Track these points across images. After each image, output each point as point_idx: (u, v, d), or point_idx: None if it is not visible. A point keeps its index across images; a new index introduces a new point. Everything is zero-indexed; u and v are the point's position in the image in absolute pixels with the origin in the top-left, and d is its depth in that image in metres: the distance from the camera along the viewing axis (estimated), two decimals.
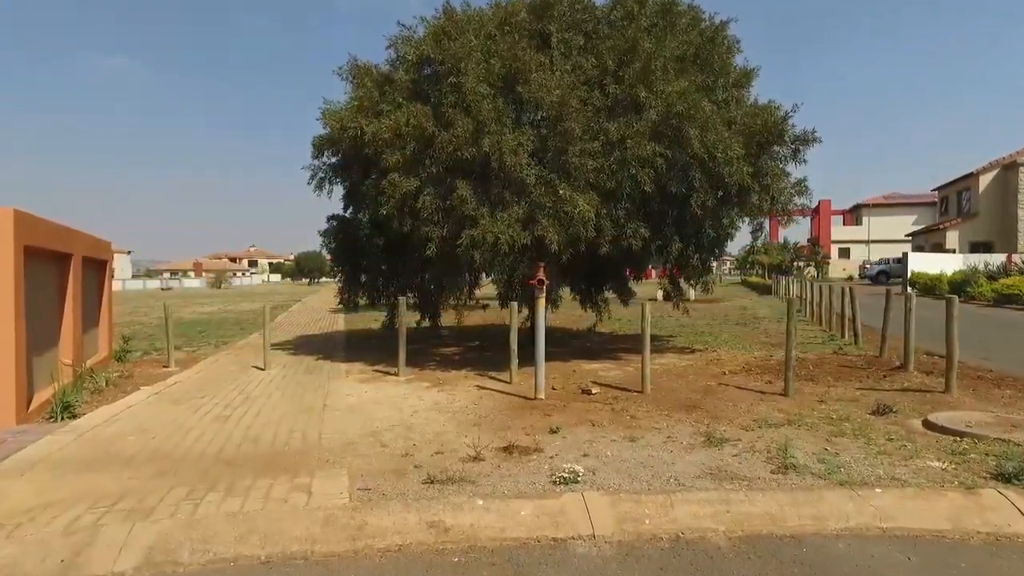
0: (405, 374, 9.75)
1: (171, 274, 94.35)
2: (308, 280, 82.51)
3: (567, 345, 13.59)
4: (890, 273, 40.99)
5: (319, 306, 31.34)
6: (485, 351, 12.92)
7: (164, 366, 11.01)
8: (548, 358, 8.62)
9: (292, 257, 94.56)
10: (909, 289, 30.49)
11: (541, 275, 7.69)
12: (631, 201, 9.70)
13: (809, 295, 21.09)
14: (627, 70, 9.84)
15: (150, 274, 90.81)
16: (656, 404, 7.69)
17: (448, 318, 14.96)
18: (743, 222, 11.96)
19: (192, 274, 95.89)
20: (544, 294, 7.79)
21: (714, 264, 13.30)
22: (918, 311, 10.32)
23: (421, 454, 5.47)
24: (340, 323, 20.92)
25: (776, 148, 10.71)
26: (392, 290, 12.60)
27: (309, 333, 17.56)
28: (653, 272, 21.08)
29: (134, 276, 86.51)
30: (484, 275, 12.07)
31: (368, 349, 13.39)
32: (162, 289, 72.02)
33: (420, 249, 10.54)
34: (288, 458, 5.42)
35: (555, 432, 6.18)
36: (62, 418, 6.88)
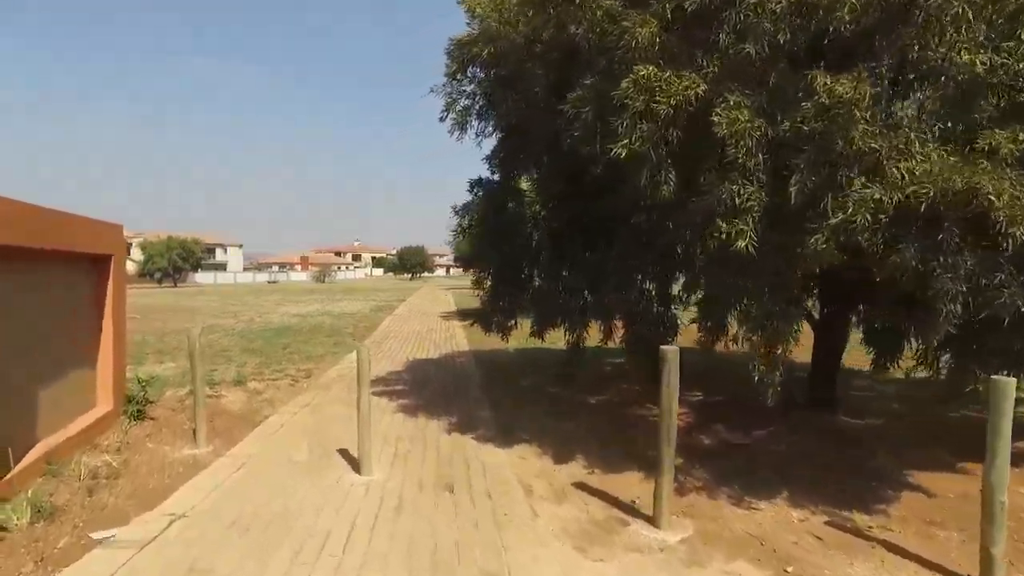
0: (673, 528, 4.24)
1: (279, 267, 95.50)
2: (410, 275, 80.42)
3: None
4: None
5: (427, 307, 26.84)
6: (732, 419, 7.20)
7: (193, 432, 6.15)
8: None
9: (395, 251, 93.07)
10: None
11: None
12: None
13: None
14: None
15: (260, 267, 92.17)
16: None
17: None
18: None
19: (299, 267, 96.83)
20: None
21: None
22: None
23: None
24: (459, 336, 15.93)
25: None
26: (578, 312, 7.16)
27: (424, 356, 12.56)
28: None
29: (245, 269, 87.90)
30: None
31: (531, 401, 8.07)
32: (269, 282, 71.92)
33: (678, 236, 5.06)
34: None
35: None
36: None
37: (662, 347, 4.13)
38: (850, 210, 3.62)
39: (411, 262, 79.19)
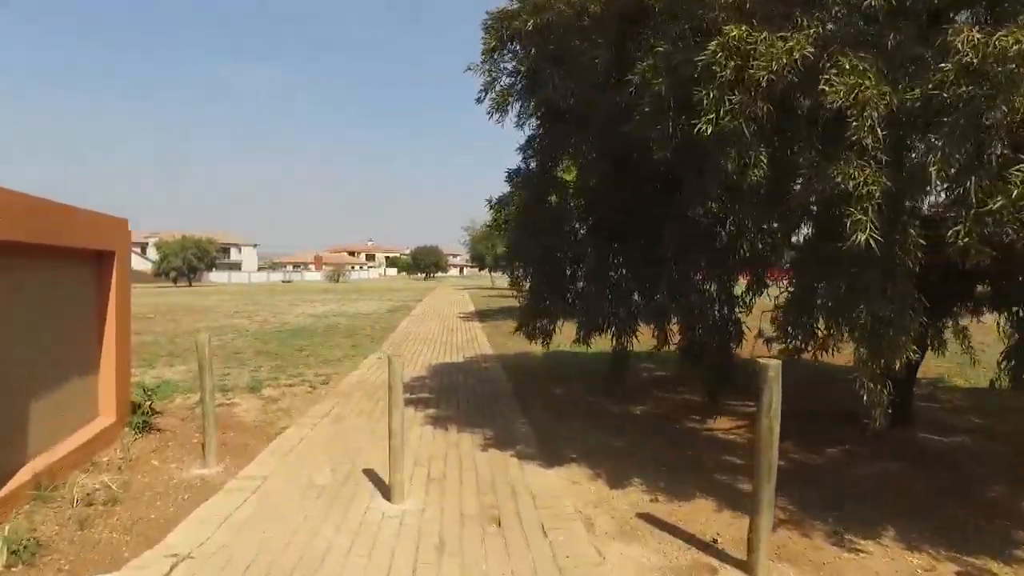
0: None
1: (293, 267, 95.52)
2: (424, 275, 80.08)
3: None
4: None
5: (444, 308, 26.21)
6: (797, 435, 6.43)
7: (202, 447, 5.52)
8: None
9: (408, 251, 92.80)
10: None
11: None
12: None
13: None
14: None
15: (274, 267, 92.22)
16: None
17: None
18: None
19: (312, 267, 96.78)
20: None
21: None
22: None
23: None
24: (481, 339, 15.25)
25: None
26: (628, 315, 6.45)
27: (448, 360, 11.91)
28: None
29: (259, 268, 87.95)
30: None
31: (569, 412, 7.34)
32: (283, 282, 71.77)
33: (745, 228, 4.35)
34: None
35: None
36: None
37: (761, 360, 3.41)
38: (1014, 194, 2.90)
39: (425, 262, 78.77)
